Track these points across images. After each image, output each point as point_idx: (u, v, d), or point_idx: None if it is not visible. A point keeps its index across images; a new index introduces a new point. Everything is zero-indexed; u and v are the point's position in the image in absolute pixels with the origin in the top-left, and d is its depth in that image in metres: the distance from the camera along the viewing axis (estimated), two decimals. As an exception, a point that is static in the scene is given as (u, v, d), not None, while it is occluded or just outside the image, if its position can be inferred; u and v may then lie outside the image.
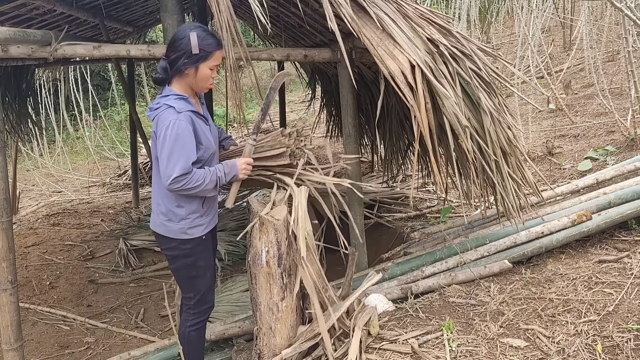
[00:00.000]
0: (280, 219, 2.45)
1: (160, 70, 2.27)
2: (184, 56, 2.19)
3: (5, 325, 2.83)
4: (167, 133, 2.14)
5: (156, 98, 2.28)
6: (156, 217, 2.38)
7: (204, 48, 2.21)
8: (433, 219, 4.45)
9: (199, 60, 2.21)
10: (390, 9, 2.80)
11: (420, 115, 2.67)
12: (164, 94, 2.26)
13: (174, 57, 2.22)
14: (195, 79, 2.26)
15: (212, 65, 2.27)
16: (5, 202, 2.83)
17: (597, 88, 5.92)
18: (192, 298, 2.46)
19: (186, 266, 2.40)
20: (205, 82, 2.31)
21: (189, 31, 2.20)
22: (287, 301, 2.51)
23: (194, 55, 2.19)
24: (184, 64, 2.20)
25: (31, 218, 6.74)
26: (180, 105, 2.20)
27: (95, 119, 11.59)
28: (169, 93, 2.25)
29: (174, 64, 2.23)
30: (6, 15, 3.69)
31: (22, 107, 6.04)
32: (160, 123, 2.18)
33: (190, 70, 2.23)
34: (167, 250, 2.41)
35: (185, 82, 2.28)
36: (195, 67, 2.23)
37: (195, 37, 2.18)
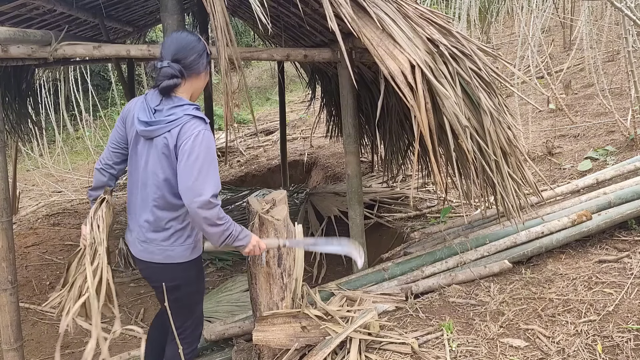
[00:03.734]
0: (281, 219, 2.44)
1: (177, 73, 2.05)
2: (203, 56, 2.14)
3: (5, 325, 2.83)
4: (195, 144, 1.95)
5: (164, 109, 2.05)
6: (155, 246, 2.14)
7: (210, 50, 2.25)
8: (433, 219, 4.45)
9: (210, 61, 2.22)
10: (390, 9, 2.80)
11: (420, 115, 2.67)
12: (177, 104, 2.06)
13: (192, 58, 2.09)
14: (204, 81, 2.21)
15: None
16: (5, 202, 2.83)
17: (597, 88, 5.92)
18: (189, 327, 2.31)
19: (189, 294, 2.24)
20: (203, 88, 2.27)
21: (195, 35, 2.17)
22: (287, 301, 2.52)
23: (208, 56, 2.19)
24: (203, 64, 2.15)
25: (31, 218, 6.74)
26: (203, 116, 2.06)
27: (95, 119, 11.60)
28: (184, 102, 2.07)
29: (194, 65, 2.10)
30: (6, 15, 3.69)
31: (22, 107, 6.03)
32: (184, 134, 1.98)
33: (206, 72, 2.19)
34: (169, 280, 2.16)
35: (194, 88, 2.16)
36: (208, 68, 2.22)
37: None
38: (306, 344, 2.50)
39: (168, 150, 2.03)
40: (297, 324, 2.49)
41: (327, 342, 2.41)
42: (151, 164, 2.09)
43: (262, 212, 2.46)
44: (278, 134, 9.02)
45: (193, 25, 7.59)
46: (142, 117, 2.08)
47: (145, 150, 2.10)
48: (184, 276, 2.20)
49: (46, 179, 8.83)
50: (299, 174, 8.26)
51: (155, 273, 2.20)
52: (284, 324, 2.48)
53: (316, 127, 8.16)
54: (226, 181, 8.19)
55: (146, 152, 2.10)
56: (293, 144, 9.00)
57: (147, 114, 2.08)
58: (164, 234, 2.13)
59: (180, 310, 2.25)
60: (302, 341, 2.48)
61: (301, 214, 5.35)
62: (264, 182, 8.22)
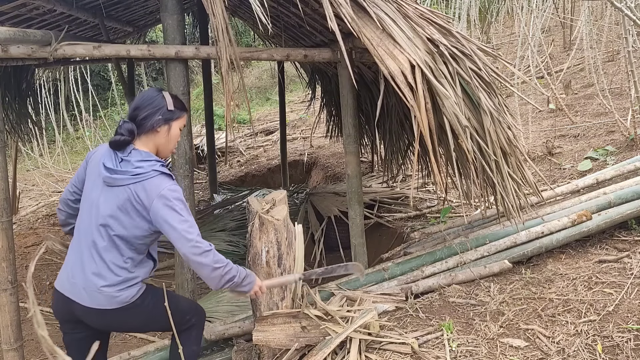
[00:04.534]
0: (281, 219, 2.45)
1: (125, 132, 2.07)
2: (159, 113, 2.10)
3: (5, 325, 2.83)
4: (170, 197, 1.99)
5: (132, 160, 2.05)
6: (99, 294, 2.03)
7: (177, 106, 2.16)
8: (433, 219, 4.45)
9: (172, 118, 2.14)
10: (390, 9, 2.80)
11: (420, 115, 2.67)
12: (145, 158, 2.07)
13: (146, 114, 2.09)
14: (167, 139, 2.16)
15: (181, 125, 2.21)
16: (5, 202, 2.83)
17: (597, 88, 5.92)
18: (190, 320, 2.31)
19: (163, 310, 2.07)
20: (174, 144, 2.21)
21: (159, 91, 2.16)
22: (287, 301, 2.52)
23: (169, 112, 2.12)
24: (157, 121, 2.10)
25: (31, 218, 6.75)
26: (169, 173, 2.09)
27: (95, 119, 11.60)
28: (151, 158, 2.08)
29: (146, 122, 2.09)
30: (6, 15, 3.69)
31: (22, 107, 6.03)
32: (152, 190, 2.00)
33: (163, 129, 2.13)
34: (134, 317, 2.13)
35: (154, 144, 2.14)
36: (169, 125, 2.14)
37: (169, 95, 2.16)
38: (306, 344, 2.50)
39: (130, 204, 2.02)
40: (297, 324, 2.49)
41: (327, 342, 2.41)
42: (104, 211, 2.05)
43: (262, 212, 2.46)
44: (278, 134, 9.02)
45: (193, 25, 7.60)
46: (107, 163, 2.07)
47: (102, 196, 2.07)
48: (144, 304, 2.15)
49: (46, 179, 8.83)
50: (299, 174, 8.27)
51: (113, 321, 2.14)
52: (284, 324, 2.48)
53: (316, 127, 8.17)
54: (226, 181, 8.19)
55: (103, 198, 2.06)
56: (293, 144, 9.00)
57: (113, 161, 2.07)
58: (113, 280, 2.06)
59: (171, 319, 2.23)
60: (302, 341, 2.48)
61: (301, 214, 5.35)
62: (264, 182, 8.22)
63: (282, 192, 2.64)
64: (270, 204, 2.55)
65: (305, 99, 9.81)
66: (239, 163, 9.08)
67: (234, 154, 9.56)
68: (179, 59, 3.02)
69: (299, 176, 8.25)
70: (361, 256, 3.43)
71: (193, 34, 7.79)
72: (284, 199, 2.58)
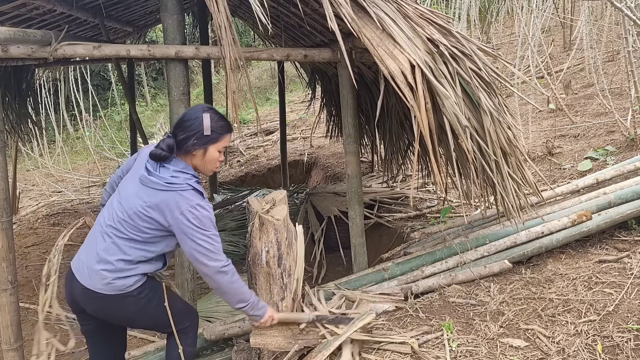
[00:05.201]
0: (281, 219, 2.44)
1: (165, 148, 2.12)
2: (195, 137, 2.12)
3: (5, 325, 2.83)
4: (198, 214, 2.05)
5: (169, 169, 2.12)
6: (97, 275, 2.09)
7: (215, 130, 2.15)
8: (433, 219, 4.45)
9: (209, 142, 2.15)
10: (390, 9, 2.80)
11: (420, 115, 2.67)
12: (182, 170, 2.13)
13: (184, 136, 2.13)
14: (203, 161, 2.18)
15: (221, 148, 2.20)
16: (5, 202, 2.83)
17: (597, 88, 5.92)
18: (182, 322, 2.32)
19: (158, 303, 2.21)
20: (212, 165, 2.22)
21: (201, 112, 2.15)
22: (287, 301, 2.51)
23: (205, 137, 2.13)
24: (193, 144, 2.13)
25: (31, 218, 6.75)
26: (203, 191, 2.15)
27: (95, 119, 11.60)
28: (189, 171, 2.14)
29: (183, 144, 2.14)
30: (6, 15, 3.69)
31: (22, 107, 6.04)
32: (184, 201, 2.05)
33: (198, 152, 2.16)
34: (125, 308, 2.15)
35: (193, 163, 2.19)
36: (205, 148, 2.16)
37: (209, 119, 2.14)
38: (305, 346, 2.50)
39: (157, 208, 2.07)
40: (295, 326, 2.49)
41: (326, 345, 2.41)
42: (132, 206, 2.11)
43: (262, 212, 2.46)
44: (278, 134, 9.02)
45: (193, 25, 7.60)
46: (149, 166, 2.14)
47: (135, 191, 2.12)
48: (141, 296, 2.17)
49: (46, 179, 8.83)
50: (299, 174, 8.26)
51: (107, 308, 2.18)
52: (282, 327, 2.48)
53: (316, 127, 8.16)
54: (226, 181, 8.19)
55: (135, 194, 2.11)
56: (293, 144, 9.00)
57: (153, 165, 2.14)
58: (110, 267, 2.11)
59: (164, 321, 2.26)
60: (301, 343, 2.48)
61: (301, 214, 5.35)
62: (264, 182, 8.22)
63: (282, 192, 2.64)
64: (270, 204, 2.54)
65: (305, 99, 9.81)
66: (239, 163, 9.08)
67: (234, 154, 9.55)
68: (179, 59, 3.02)
69: (299, 176, 8.25)
70: (361, 256, 3.43)
71: (193, 34, 7.79)
72: (284, 199, 2.58)
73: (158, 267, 2.23)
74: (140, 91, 13.55)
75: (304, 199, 5.82)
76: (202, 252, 2.07)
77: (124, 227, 2.10)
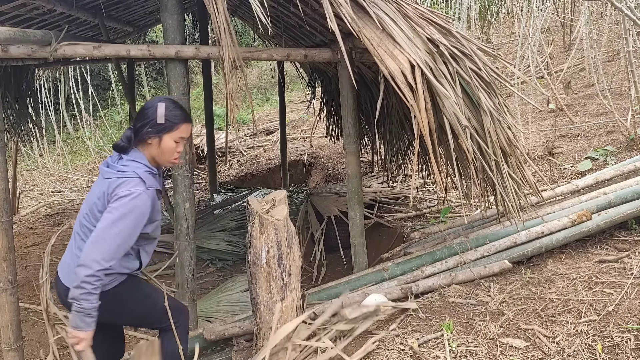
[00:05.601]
0: (281, 219, 2.45)
1: (123, 139, 2.19)
2: (149, 125, 2.15)
3: (5, 325, 2.83)
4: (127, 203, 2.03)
5: (124, 159, 2.17)
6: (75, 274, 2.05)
7: (169, 119, 2.17)
8: (433, 219, 4.45)
9: (162, 130, 2.16)
10: (390, 9, 2.80)
11: (420, 115, 2.67)
12: (134, 159, 2.17)
13: (140, 124, 2.17)
14: (159, 150, 2.19)
15: (177, 138, 2.20)
16: (5, 202, 2.83)
17: (597, 88, 5.92)
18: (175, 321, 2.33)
19: (139, 300, 2.23)
20: (169, 156, 2.22)
21: (157, 101, 2.19)
22: (287, 301, 2.51)
23: (158, 125, 2.15)
24: (147, 132, 2.16)
25: (31, 218, 6.75)
26: (150, 182, 2.15)
27: (95, 119, 11.61)
28: (141, 161, 2.17)
29: (139, 132, 2.17)
30: (6, 15, 3.69)
31: (22, 107, 6.04)
32: (123, 188, 2.07)
33: (154, 140, 2.17)
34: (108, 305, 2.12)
35: (149, 153, 2.21)
36: (159, 137, 2.17)
37: (163, 108, 2.16)
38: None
39: (104, 196, 2.12)
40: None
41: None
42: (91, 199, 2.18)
43: (262, 212, 2.46)
44: (278, 134, 9.02)
45: (193, 25, 7.60)
46: (109, 159, 2.23)
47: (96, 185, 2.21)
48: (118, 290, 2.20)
49: (46, 179, 8.84)
50: (299, 174, 8.26)
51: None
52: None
53: (316, 127, 8.17)
54: (226, 181, 8.20)
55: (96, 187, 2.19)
56: (293, 144, 9.00)
57: (115, 157, 2.22)
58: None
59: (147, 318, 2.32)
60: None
61: (301, 214, 5.35)
62: (264, 182, 8.22)
63: (282, 192, 2.64)
64: (270, 204, 2.55)
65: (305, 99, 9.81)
66: (239, 163, 9.08)
67: (234, 154, 9.56)
68: (179, 59, 3.02)
69: (299, 176, 8.25)
70: (361, 256, 3.43)
71: (193, 34, 7.79)
72: (284, 199, 2.58)
73: (134, 267, 2.24)
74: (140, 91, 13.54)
75: (304, 199, 5.82)
76: (102, 240, 2.00)
77: (88, 221, 2.16)
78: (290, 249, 2.51)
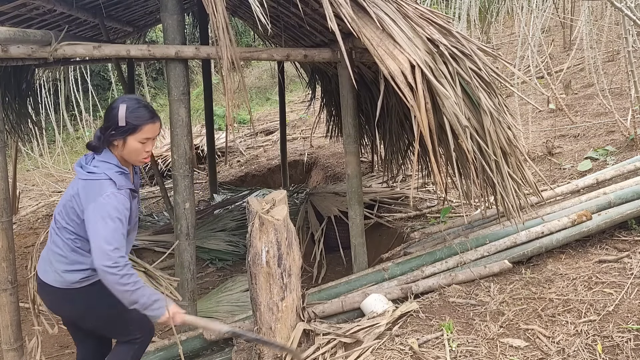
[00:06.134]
0: (280, 219, 2.45)
1: (94, 139, 2.20)
2: (112, 127, 2.13)
3: (5, 325, 2.83)
4: (104, 202, 2.04)
5: (95, 159, 2.17)
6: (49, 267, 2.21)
7: (131, 121, 2.12)
8: (433, 219, 4.44)
9: (125, 132, 2.13)
10: (390, 9, 2.80)
11: (420, 115, 2.67)
12: (105, 159, 2.16)
13: (105, 126, 2.17)
14: (126, 152, 2.17)
15: (142, 139, 2.16)
16: (5, 202, 2.83)
17: (597, 88, 5.92)
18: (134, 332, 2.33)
19: (108, 307, 2.20)
20: (137, 156, 2.20)
21: (120, 102, 2.14)
22: (287, 301, 2.51)
23: (120, 127, 2.12)
24: (111, 135, 2.13)
25: (31, 218, 6.75)
26: (121, 182, 2.13)
27: (95, 119, 11.60)
28: (111, 161, 2.16)
29: (104, 134, 2.16)
30: (6, 15, 3.69)
31: (22, 107, 6.03)
32: (94, 190, 2.07)
33: (119, 142, 2.15)
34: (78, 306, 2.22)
35: (117, 153, 2.19)
36: (123, 139, 2.14)
37: (124, 109, 2.11)
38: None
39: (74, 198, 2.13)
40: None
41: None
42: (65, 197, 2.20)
43: (262, 212, 2.46)
44: (278, 134, 9.02)
45: (193, 25, 7.60)
46: (82, 158, 2.22)
47: (71, 184, 2.21)
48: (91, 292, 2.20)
49: (46, 179, 8.83)
50: (299, 174, 8.26)
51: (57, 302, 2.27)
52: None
53: (316, 127, 8.16)
54: (226, 181, 8.19)
55: (70, 185, 2.21)
56: (293, 144, 9.00)
57: (89, 156, 2.22)
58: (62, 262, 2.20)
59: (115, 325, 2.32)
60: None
61: (301, 214, 5.35)
62: (264, 182, 8.22)
63: (282, 192, 2.64)
64: (270, 204, 2.55)
65: (305, 99, 9.80)
66: (239, 163, 9.08)
67: (234, 154, 9.55)
68: (179, 59, 3.02)
69: (299, 176, 8.25)
70: (361, 256, 3.43)
71: (193, 34, 7.79)
72: (284, 199, 2.58)
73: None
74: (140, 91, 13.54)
75: (304, 199, 5.82)
76: (98, 238, 2.02)
77: (62, 218, 2.19)
78: (290, 249, 2.51)
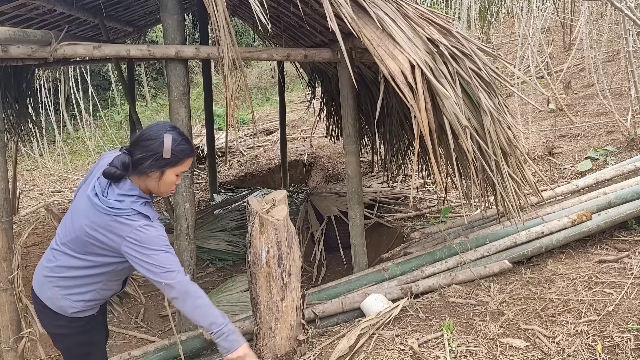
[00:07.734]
0: (280, 219, 2.45)
1: (119, 166, 1.97)
2: (153, 158, 1.98)
3: (5, 325, 2.83)
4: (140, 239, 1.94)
5: (115, 192, 1.99)
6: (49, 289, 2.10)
7: (176, 154, 2.01)
8: (433, 219, 4.44)
9: (167, 165, 2.01)
10: (390, 9, 2.80)
11: (420, 115, 2.67)
12: (128, 192, 1.99)
13: (140, 156, 1.98)
14: (158, 184, 2.04)
15: (179, 172, 2.08)
16: (5, 202, 2.83)
17: (597, 88, 5.92)
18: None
19: (79, 344, 2.18)
20: (167, 188, 2.09)
21: (163, 132, 2.00)
22: (287, 301, 2.52)
23: (163, 160, 1.99)
24: (149, 166, 1.98)
25: (31, 218, 6.75)
26: (151, 213, 2.02)
27: (95, 119, 11.60)
28: (135, 193, 2.01)
29: (139, 164, 1.98)
30: (6, 15, 3.69)
31: (22, 107, 6.03)
32: (127, 228, 1.94)
33: (154, 174, 2.02)
34: (55, 328, 2.16)
35: (145, 185, 2.05)
36: (162, 171, 2.02)
37: (170, 141, 1.98)
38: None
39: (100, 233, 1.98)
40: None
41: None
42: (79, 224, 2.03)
43: (262, 212, 2.46)
44: (278, 134, 9.02)
45: (193, 25, 7.60)
46: (97, 185, 2.02)
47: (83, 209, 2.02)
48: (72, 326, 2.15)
49: (46, 179, 8.83)
50: (299, 174, 8.26)
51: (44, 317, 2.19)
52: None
53: (316, 127, 8.16)
54: (226, 181, 8.19)
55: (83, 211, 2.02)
56: (293, 144, 9.00)
57: (102, 186, 2.02)
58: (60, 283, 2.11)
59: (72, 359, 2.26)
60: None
61: (301, 214, 5.36)
62: (264, 182, 8.22)
63: (282, 192, 2.64)
64: (270, 204, 2.55)
65: (305, 99, 9.80)
66: (239, 163, 9.08)
67: (234, 154, 9.55)
68: (179, 59, 3.02)
69: (299, 176, 8.25)
70: (361, 256, 3.43)
71: (193, 34, 7.79)
72: (284, 199, 2.58)
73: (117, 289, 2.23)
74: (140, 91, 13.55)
75: (304, 199, 5.82)
76: (153, 270, 1.97)
77: (70, 248, 2.06)
78: (290, 249, 2.51)
